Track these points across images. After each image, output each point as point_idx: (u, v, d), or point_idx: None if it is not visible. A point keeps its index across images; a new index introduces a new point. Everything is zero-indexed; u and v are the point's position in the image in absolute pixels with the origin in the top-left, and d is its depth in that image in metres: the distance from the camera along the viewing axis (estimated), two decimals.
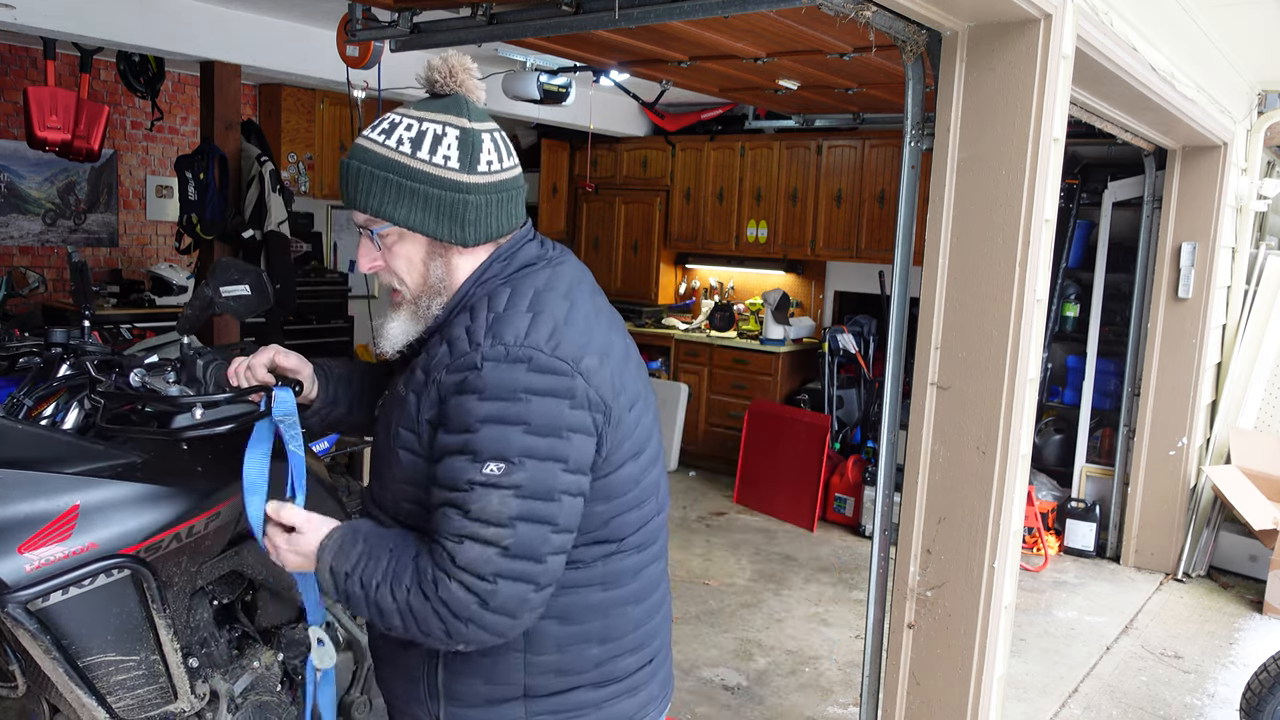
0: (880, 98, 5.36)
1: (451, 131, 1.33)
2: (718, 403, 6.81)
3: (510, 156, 1.40)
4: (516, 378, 1.24)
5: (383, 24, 3.53)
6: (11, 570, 1.49)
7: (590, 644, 1.42)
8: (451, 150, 1.33)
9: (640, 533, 1.44)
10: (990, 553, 2.61)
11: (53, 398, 1.86)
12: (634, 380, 1.40)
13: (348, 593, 1.32)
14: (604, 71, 5.24)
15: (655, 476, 1.46)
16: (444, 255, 1.38)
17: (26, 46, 5.94)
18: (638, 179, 7.50)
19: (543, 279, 1.37)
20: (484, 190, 1.35)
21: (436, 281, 1.39)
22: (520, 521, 1.23)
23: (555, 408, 1.25)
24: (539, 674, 1.39)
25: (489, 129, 1.38)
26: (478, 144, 1.34)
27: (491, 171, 1.36)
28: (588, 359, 1.30)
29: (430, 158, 1.33)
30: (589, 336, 1.32)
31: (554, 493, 1.25)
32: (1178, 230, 5.11)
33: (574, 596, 1.39)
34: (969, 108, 2.60)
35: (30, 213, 6.27)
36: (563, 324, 1.30)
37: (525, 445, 1.23)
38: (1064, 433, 5.75)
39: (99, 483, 1.60)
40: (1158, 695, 3.84)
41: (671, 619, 1.62)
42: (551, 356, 1.26)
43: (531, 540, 1.24)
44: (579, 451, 1.27)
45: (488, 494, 1.23)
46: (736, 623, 4.32)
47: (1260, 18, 3.89)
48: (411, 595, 1.26)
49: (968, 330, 2.62)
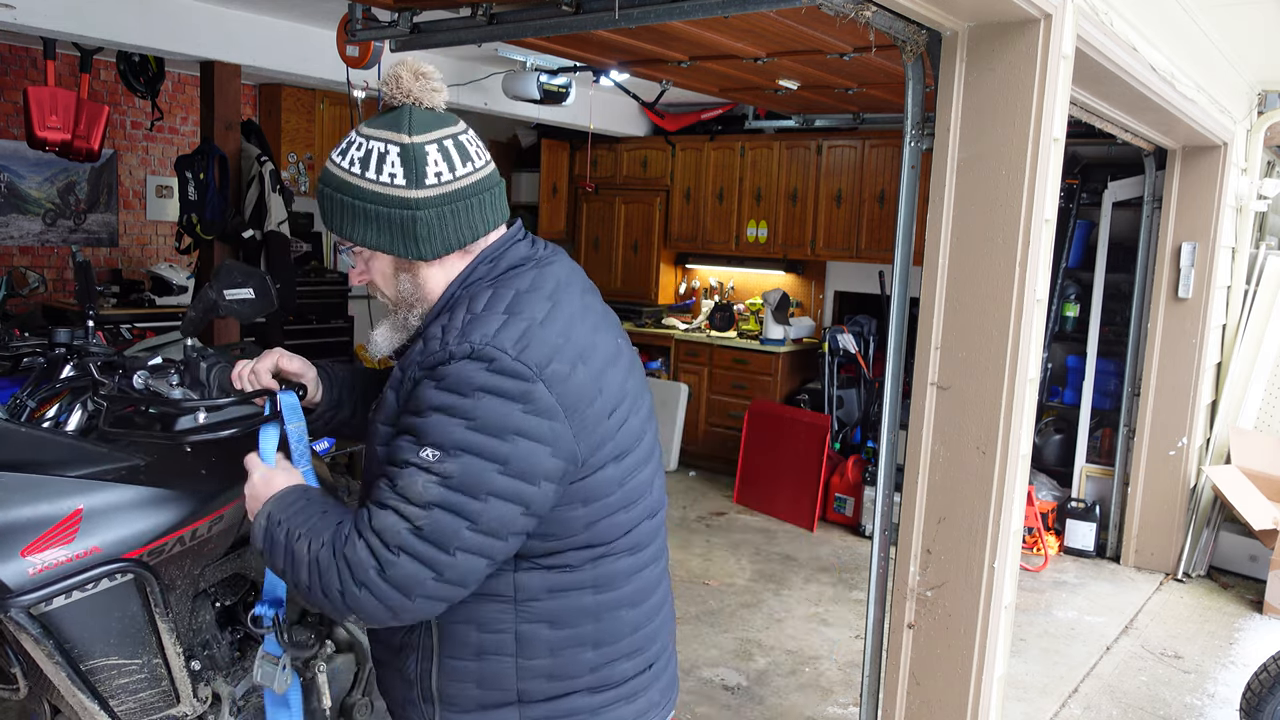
0: (880, 98, 5.36)
1: (393, 149, 1.33)
2: (718, 403, 6.81)
3: (467, 162, 1.36)
4: (474, 375, 1.25)
5: (383, 24, 3.53)
6: (14, 574, 1.49)
7: (584, 648, 1.41)
8: (396, 167, 1.33)
9: (631, 535, 1.43)
10: (990, 553, 2.61)
11: (56, 399, 1.86)
12: (620, 381, 1.39)
13: (271, 538, 1.35)
14: (604, 71, 5.24)
15: (645, 478, 1.44)
16: (409, 270, 1.40)
17: (26, 46, 5.94)
18: (638, 179, 7.50)
19: (527, 280, 1.37)
20: (433, 204, 1.34)
21: (408, 295, 1.42)
22: (437, 509, 1.24)
23: (505, 409, 1.25)
24: (531, 678, 1.39)
25: (435, 138, 1.35)
26: (421, 158, 1.33)
27: (442, 183, 1.34)
28: (556, 365, 1.28)
29: (378, 177, 1.33)
30: (565, 339, 1.32)
31: (481, 492, 1.24)
32: (1178, 230, 5.11)
33: (565, 600, 1.38)
34: (969, 108, 2.60)
35: (30, 213, 6.27)
36: (537, 326, 1.30)
37: (464, 439, 1.24)
38: (1064, 433, 5.75)
39: (102, 486, 1.60)
40: (1158, 695, 3.84)
41: (674, 624, 1.60)
42: (515, 360, 1.26)
43: (444, 529, 1.24)
44: (524, 457, 1.26)
45: (416, 475, 1.25)
46: (736, 623, 4.32)
47: (1260, 18, 3.89)
48: (323, 549, 1.29)
49: (968, 330, 2.62)
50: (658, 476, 1.50)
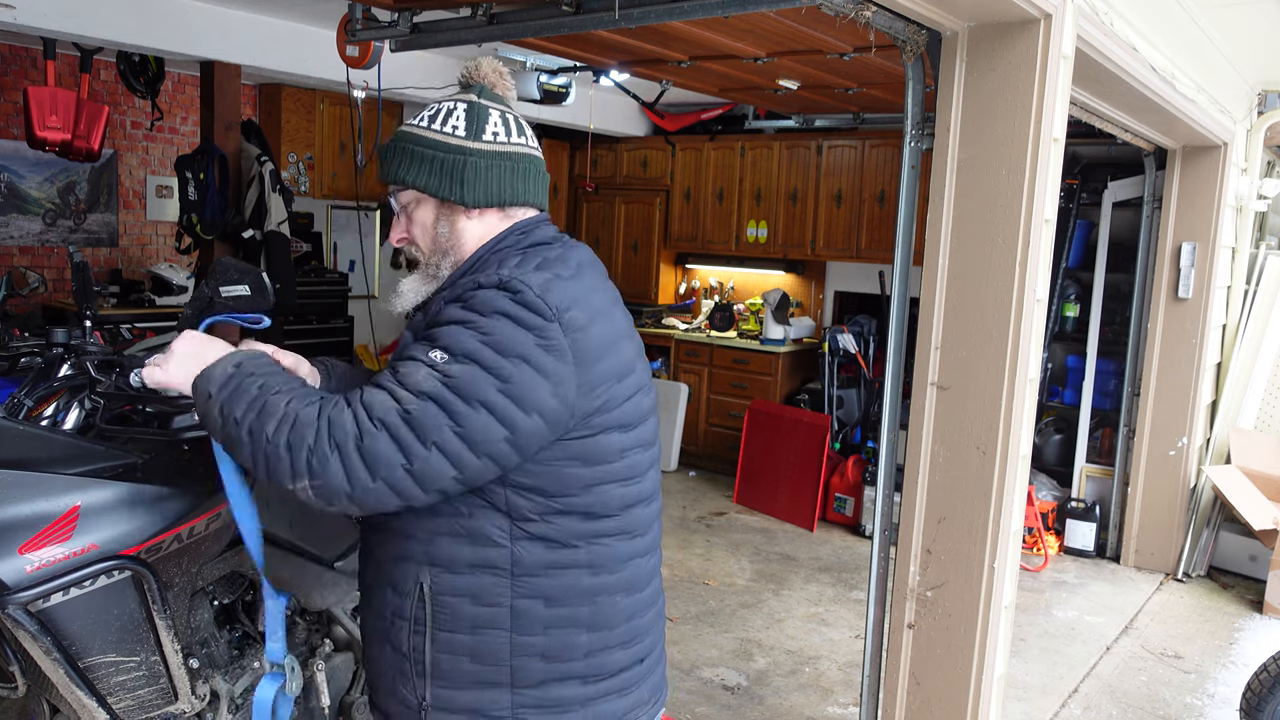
0: (880, 98, 5.36)
1: (461, 105, 1.49)
2: (718, 403, 6.81)
3: (522, 134, 1.51)
4: (496, 300, 1.33)
5: (383, 24, 3.53)
6: (12, 571, 1.49)
7: (579, 629, 1.42)
8: (460, 120, 1.47)
9: (626, 515, 1.45)
10: (990, 553, 2.61)
11: (53, 398, 1.86)
12: (631, 357, 1.45)
13: (237, 385, 1.34)
14: (604, 71, 5.24)
15: (645, 461, 1.48)
16: (449, 217, 1.48)
17: (26, 46, 5.93)
18: (638, 179, 7.50)
19: (555, 253, 1.45)
20: (484, 155, 1.46)
21: (444, 241, 1.49)
22: (429, 400, 1.28)
23: (520, 336, 1.31)
24: (525, 655, 1.40)
25: (500, 108, 1.50)
26: (484, 116, 1.48)
27: (496, 141, 1.47)
28: (575, 311, 1.35)
29: (441, 128, 1.47)
30: (587, 296, 1.39)
31: (474, 399, 1.28)
32: (1178, 230, 5.11)
33: (561, 578, 1.40)
34: (969, 108, 2.60)
35: (30, 213, 6.27)
36: (562, 280, 1.37)
37: (474, 349, 1.30)
38: (1064, 433, 5.75)
39: (100, 483, 1.60)
40: (1158, 695, 3.84)
41: (664, 622, 1.62)
42: (538, 297, 1.33)
43: (428, 420, 1.27)
44: (525, 383, 1.30)
45: (419, 368, 1.31)
46: (736, 623, 4.32)
47: (1260, 18, 3.89)
48: (307, 407, 1.30)
49: (968, 330, 2.62)
50: (654, 468, 1.53)
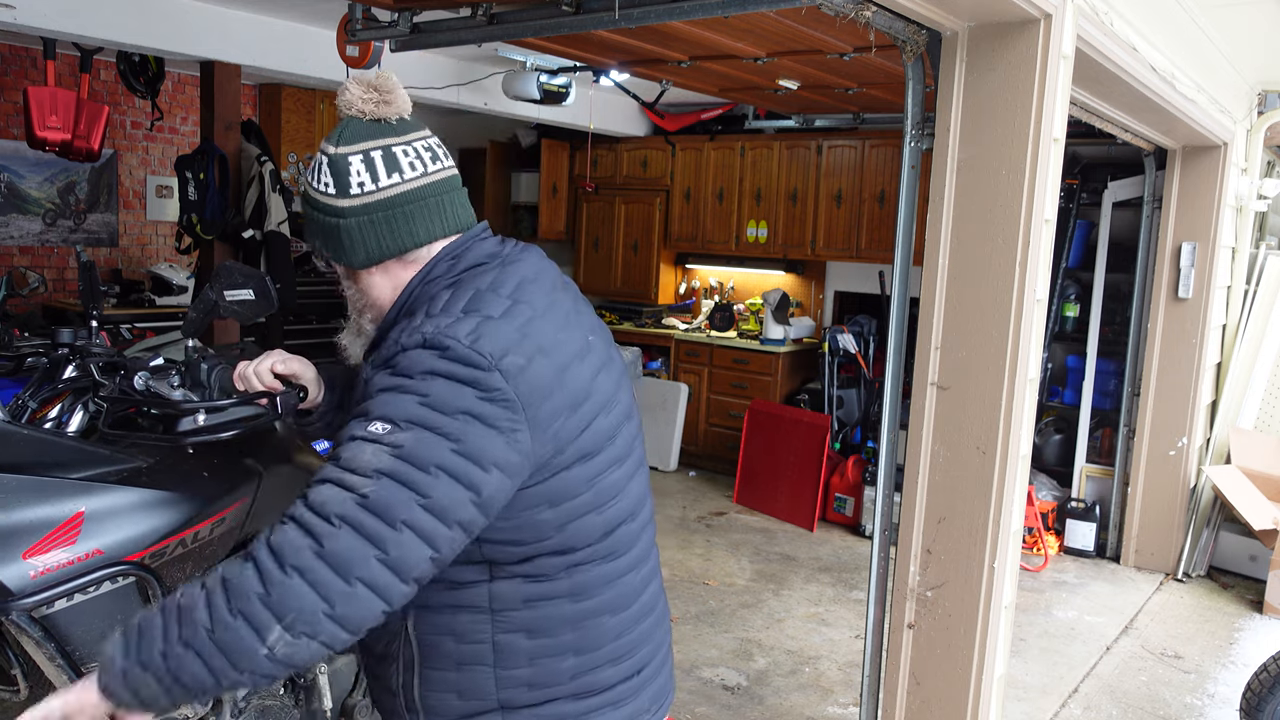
0: (880, 98, 5.36)
1: (323, 159, 1.37)
2: (718, 403, 6.81)
3: (394, 173, 1.35)
4: (424, 360, 1.23)
5: (383, 24, 3.53)
6: (16, 576, 1.49)
7: (564, 656, 1.38)
8: (327, 177, 1.36)
9: (607, 540, 1.39)
10: (990, 553, 2.61)
11: (57, 400, 1.86)
12: (586, 379, 1.33)
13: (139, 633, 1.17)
14: (604, 71, 5.24)
15: (617, 480, 1.38)
16: (351, 276, 1.42)
17: (26, 46, 5.94)
18: (638, 179, 7.50)
19: (488, 279, 1.34)
20: (355, 213, 1.35)
21: (356, 300, 1.44)
22: (386, 477, 1.17)
23: (458, 391, 1.21)
24: (512, 687, 1.37)
25: (361, 149, 1.35)
26: (344, 169, 1.35)
27: (364, 193, 1.35)
28: (512, 357, 1.24)
29: (317, 185, 1.38)
30: (523, 334, 1.27)
31: (431, 465, 1.18)
32: (1178, 230, 5.11)
33: (541, 610, 1.36)
34: (969, 108, 2.60)
35: (30, 213, 6.27)
36: (493, 322, 1.27)
37: (416, 413, 1.20)
38: (1064, 433, 5.76)
39: (104, 488, 1.60)
40: (1158, 695, 3.84)
41: (667, 626, 1.57)
42: (469, 349, 1.22)
43: (392, 500, 1.16)
44: (477, 440, 1.21)
45: (364, 446, 1.19)
46: (736, 623, 4.32)
47: (1260, 18, 3.89)
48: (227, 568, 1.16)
49: (968, 330, 2.63)
50: (635, 479, 1.43)
